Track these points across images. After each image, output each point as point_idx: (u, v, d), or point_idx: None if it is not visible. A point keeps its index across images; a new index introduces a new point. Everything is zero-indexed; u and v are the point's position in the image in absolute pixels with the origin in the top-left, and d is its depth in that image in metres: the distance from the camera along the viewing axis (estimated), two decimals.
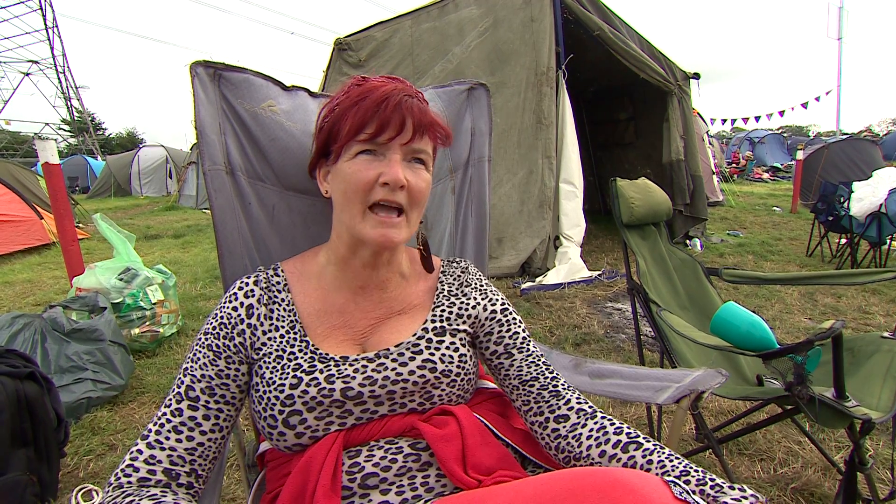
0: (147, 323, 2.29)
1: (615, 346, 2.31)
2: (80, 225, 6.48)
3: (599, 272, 3.50)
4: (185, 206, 9.37)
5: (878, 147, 7.42)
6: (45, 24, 27.05)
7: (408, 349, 0.62)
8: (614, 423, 0.57)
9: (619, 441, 0.54)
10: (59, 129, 30.81)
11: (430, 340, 0.63)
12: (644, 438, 0.54)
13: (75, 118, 29.42)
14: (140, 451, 0.54)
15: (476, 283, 0.71)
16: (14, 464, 1.17)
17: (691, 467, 0.49)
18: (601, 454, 0.54)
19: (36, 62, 28.32)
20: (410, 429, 0.59)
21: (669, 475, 0.48)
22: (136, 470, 0.53)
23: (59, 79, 28.15)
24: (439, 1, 3.94)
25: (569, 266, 3.41)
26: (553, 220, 3.53)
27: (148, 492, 0.51)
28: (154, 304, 2.32)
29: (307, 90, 0.84)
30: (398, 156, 0.58)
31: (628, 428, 0.56)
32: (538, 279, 3.34)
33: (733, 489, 0.45)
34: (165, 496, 0.50)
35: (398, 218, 0.59)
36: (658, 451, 0.51)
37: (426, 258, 0.70)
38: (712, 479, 0.46)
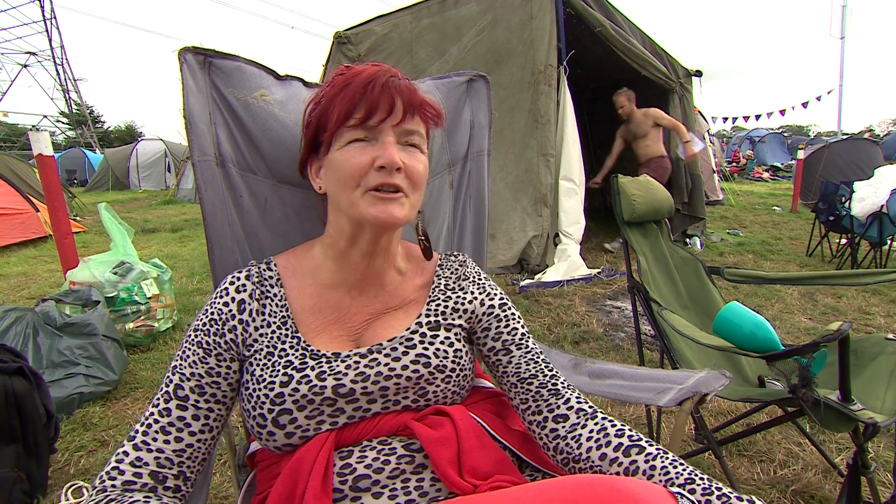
0: (142, 317, 2.27)
1: (614, 344, 2.30)
2: (77, 218, 6.45)
3: (599, 270, 3.48)
4: (184, 201, 9.33)
5: (879, 147, 7.40)
6: (44, 16, 26.87)
7: (401, 343, 0.60)
8: (615, 425, 0.55)
9: (621, 444, 0.52)
10: (58, 121, 30.69)
11: (423, 335, 0.61)
12: (647, 442, 0.52)
13: (73, 111, 29.28)
14: (126, 453, 0.52)
15: (474, 277, 0.69)
16: (1, 461, 1.15)
17: (696, 474, 0.47)
18: (601, 457, 0.52)
19: (34, 54, 28.15)
20: (404, 428, 0.57)
21: (674, 482, 0.46)
22: (122, 473, 0.51)
23: (57, 71, 28.00)
24: None
25: (568, 263, 3.39)
26: (551, 217, 3.51)
27: (131, 497, 0.49)
28: (149, 298, 2.29)
29: (301, 80, 0.82)
30: (391, 138, 0.57)
31: (630, 430, 0.54)
32: (537, 276, 3.32)
33: (741, 500, 0.43)
34: (149, 502, 0.48)
35: (398, 193, 0.57)
36: (661, 457, 0.49)
37: (427, 248, 0.68)
38: (718, 489, 0.44)
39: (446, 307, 0.65)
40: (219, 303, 0.61)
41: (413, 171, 0.58)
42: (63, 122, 30.67)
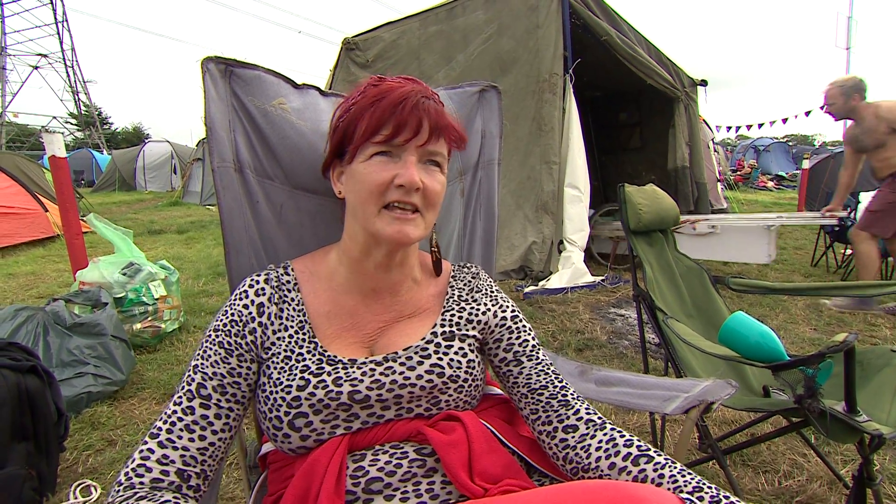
0: (149, 318, 2.29)
1: (618, 352, 2.30)
2: (85, 219, 6.50)
3: (602, 277, 3.48)
4: (190, 203, 9.40)
5: None
6: (55, 18, 27.28)
7: (416, 353, 0.61)
8: (624, 435, 0.56)
9: (630, 453, 0.53)
10: (67, 122, 31.05)
11: (438, 345, 0.63)
12: (655, 452, 0.53)
13: (82, 112, 29.62)
14: (151, 451, 0.52)
15: (486, 289, 0.71)
16: (13, 458, 1.17)
17: (704, 483, 0.48)
18: (610, 466, 0.53)
19: (45, 56, 28.54)
20: (416, 434, 0.58)
21: (682, 490, 0.47)
22: (149, 470, 0.51)
23: (67, 73, 28.38)
24: (448, 3, 3.95)
25: (572, 270, 3.40)
26: (552, 223, 3.53)
27: (161, 496, 0.49)
28: (157, 299, 2.31)
29: (318, 88, 0.84)
30: (414, 157, 0.58)
31: (638, 440, 0.55)
32: (541, 283, 3.32)
33: None
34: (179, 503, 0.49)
35: (413, 214, 0.59)
36: (669, 466, 0.50)
37: (438, 260, 0.70)
38: (726, 497, 0.45)
39: (461, 318, 0.66)
40: (238, 305, 0.62)
41: (430, 191, 0.59)
42: (72, 124, 31.03)
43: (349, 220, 0.64)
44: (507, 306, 0.69)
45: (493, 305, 0.68)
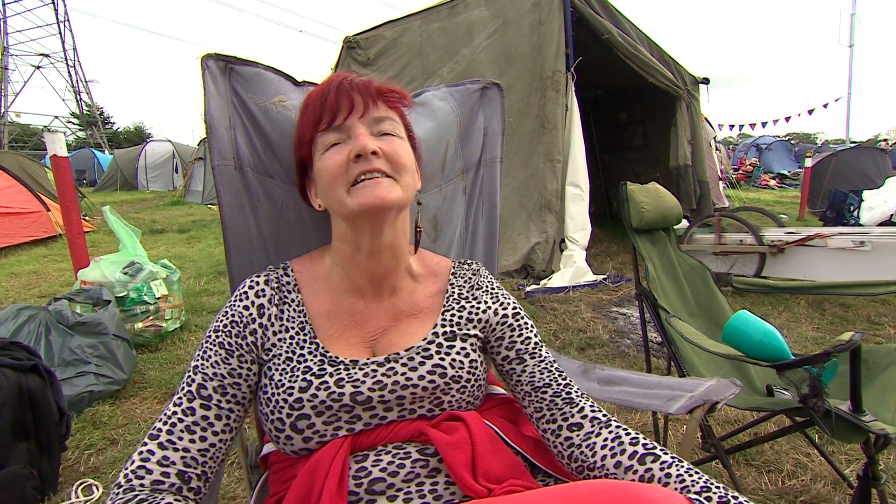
0: (151, 317, 2.29)
1: (620, 351, 2.29)
2: (87, 218, 6.52)
3: (604, 276, 3.47)
4: (191, 202, 9.41)
5: (888, 156, 7.34)
6: (57, 18, 27.31)
7: (418, 353, 0.61)
8: (630, 433, 0.55)
9: (636, 452, 0.52)
10: (69, 122, 31.11)
11: (440, 345, 0.62)
12: (661, 450, 0.52)
13: (84, 112, 29.67)
14: (152, 452, 0.52)
15: (487, 287, 0.70)
16: (15, 457, 1.17)
17: (711, 483, 0.47)
18: (616, 465, 0.53)
19: (47, 55, 28.57)
20: (419, 434, 0.58)
21: (689, 490, 0.47)
22: (150, 472, 0.51)
23: (69, 72, 28.43)
24: (449, 0, 3.94)
25: (574, 269, 3.39)
26: (555, 222, 3.52)
27: (162, 499, 0.48)
28: (158, 298, 2.32)
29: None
30: (363, 129, 0.60)
31: (644, 438, 0.54)
32: (543, 282, 3.32)
33: None
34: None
35: (384, 178, 0.58)
36: (676, 465, 0.50)
37: (418, 241, 0.70)
38: (735, 497, 0.45)
39: (461, 317, 0.65)
40: (239, 306, 0.62)
41: (392, 155, 0.59)
42: (74, 123, 31.10)
43: (333, 220, 0.65)
44: (509, 303, 0.69)
45: (493, 303, 0.68)
